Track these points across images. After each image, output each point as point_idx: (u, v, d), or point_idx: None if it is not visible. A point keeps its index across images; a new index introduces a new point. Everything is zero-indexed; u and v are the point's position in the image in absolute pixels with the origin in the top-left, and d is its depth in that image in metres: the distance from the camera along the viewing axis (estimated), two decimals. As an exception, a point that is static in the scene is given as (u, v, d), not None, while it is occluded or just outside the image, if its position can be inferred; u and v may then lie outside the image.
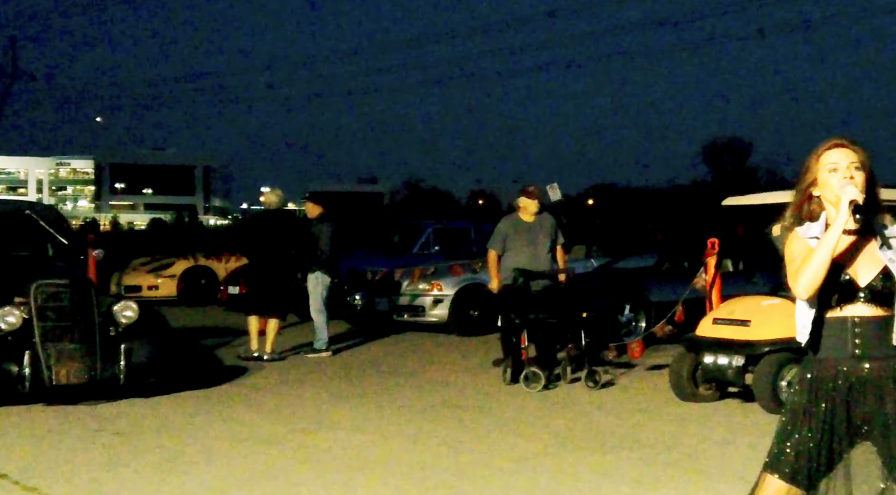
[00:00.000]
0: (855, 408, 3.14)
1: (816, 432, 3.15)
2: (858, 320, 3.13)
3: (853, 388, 3.14)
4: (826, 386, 3.16)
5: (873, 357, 3.13)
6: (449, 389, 9.12)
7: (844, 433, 3.15)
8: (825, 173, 3.17)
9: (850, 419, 3.15)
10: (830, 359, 3.17)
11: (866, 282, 3.13)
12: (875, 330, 3.14)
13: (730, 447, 6.70)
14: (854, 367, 3.14)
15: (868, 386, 3.13)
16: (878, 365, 3.13)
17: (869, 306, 3.13)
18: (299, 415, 7.86)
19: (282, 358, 10.84)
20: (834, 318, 3.16)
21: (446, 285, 13.11)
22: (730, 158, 63.02)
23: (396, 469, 6.15)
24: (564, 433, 7.21)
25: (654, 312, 11.74)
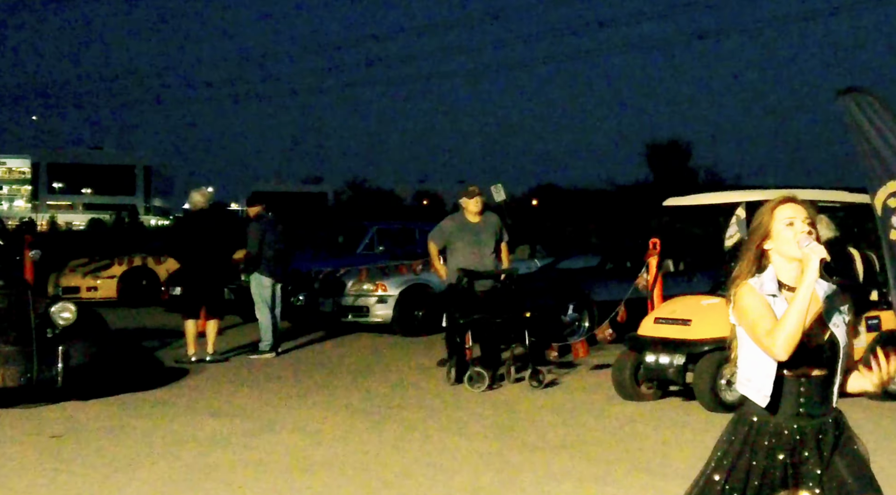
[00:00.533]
0: (792, 464, 3.18)
1: (744, 481, 3.17)
2: (805, 380, 3.19)
3: (795, 445, 3.18)
4: (764, 441, 3.19)
5: (815, 415, 3.19)
6: (393, 389, 9.11)
7: (777, 482, 3.19)
8: (780, 226, 3.19)
9: (784, 469, 3.19)
10: (774, 416, 3.20)
11: (815, 343, 3.17)
12: (819, 388, 3.19)
13: (671, 445, 6.78)
14: (798, 425, 3.18)
15: (808, 443, 3.18)
16: (819, 422, 3.19)
17: (814, 368, 3.18)
18: (242, 417, 7.79)
19: (225, 359, 10.74)
20: (784, 377, 3.18)
21: (391, 285, 13.09)
22: (670, 159, 63.77)
23: (340, 469, 6.12)
24: (508, 432, 7.25)
25: (597, 312, 11.84)
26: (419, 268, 13.30)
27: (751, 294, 3.18)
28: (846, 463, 3.17)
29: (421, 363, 10.71)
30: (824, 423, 3.19)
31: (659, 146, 65.17)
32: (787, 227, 3.17)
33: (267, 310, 11.07)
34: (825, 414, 3.20)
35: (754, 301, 3.16)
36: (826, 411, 3.20)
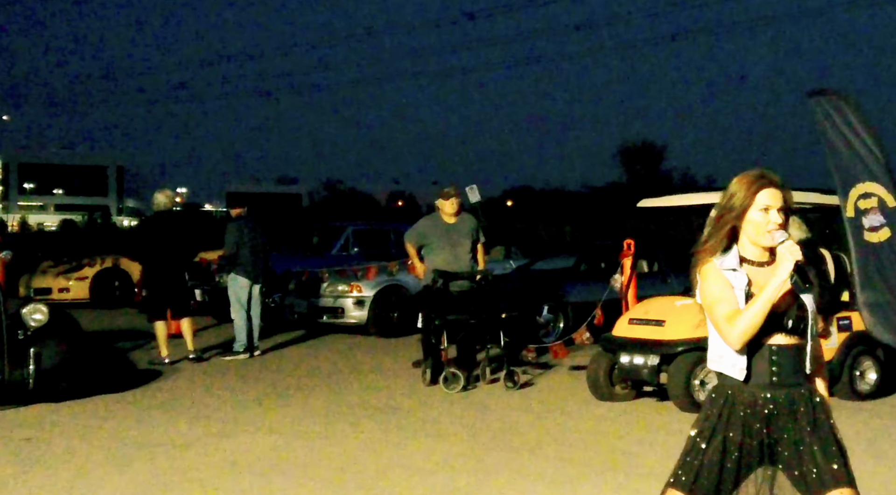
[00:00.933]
0: (768, 434, 3.22)
1: (723, 454, 3.21)
2: (776, 348, 3.22)
3: (769, 415, 3.22)
4: (740, 412, 3.23)
5: (788, 384, 3.22)
6: (368, 391, 9.09)
7: (754, 456, 3.23)
8: (755, 212, 3.22)
9: (761, 444, 3.23)
10: (748, 385, 3.24)
11: (784, 314, 3.21)
12: (791, 357, 3.22)
13: (645, 445, 6.81)
14: (770, 394, 3.22)
15: (782, 412, 3.22)
16: (793, 391, 3.23)
17: (786, 336, 3.22)
18: (216, 418, 7.75)
19: (206, 357, 10.68)
20: (753, 347, 3.22)
21: (366, 287, 13.07)
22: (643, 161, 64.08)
23: (315, 471, 6.10)
24: (484, 433, 7.25)
25: (571, 313, 11.88)
26: (394, 270, 13.29)
27: (713, 273, 3.23)
28: (822, 445, 3.19)
29: (396, 364, 10.70)
30: (798, 393, 3.22)
31: (632, 148, 65.51)
32: (761, 213, 3.21)
33: (242, 311, 11.03)
34: (799, 383, 3.23)
35: (716, 281, 3.21)
36: (799, 380, 3.23)
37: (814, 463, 3.17)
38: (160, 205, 10.89)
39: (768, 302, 3.10)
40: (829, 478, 3.16)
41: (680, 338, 7.85)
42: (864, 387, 8.55)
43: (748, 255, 3.27)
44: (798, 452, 3.20)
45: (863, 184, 7.76)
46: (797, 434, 3.21)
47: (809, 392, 3.26)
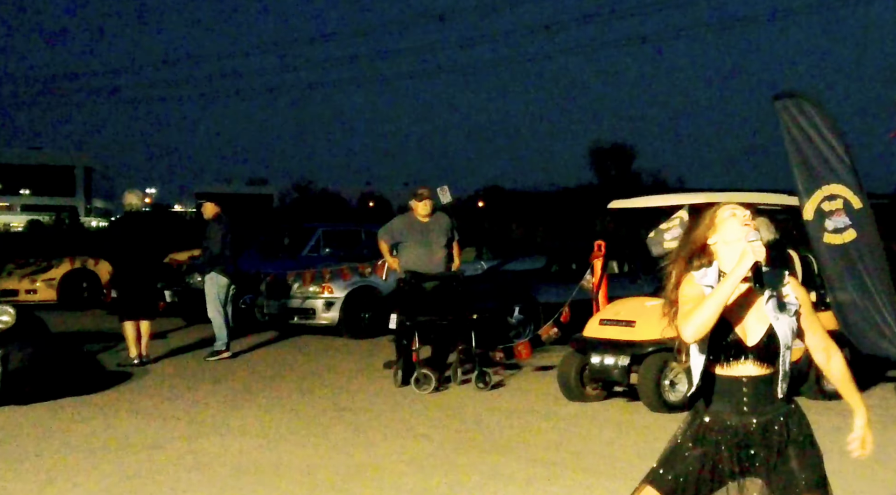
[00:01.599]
0: (740, 456, 3.25)
1: (702, 462, 3.25)
2: (747, 380, 3.23)
3: (741, 442, 3.25)
4: (713, 436, 3.26)
5: (761, 412, 3.24)
6: (340, 392, 9.07)
7: (722, 464, 3.26)
8: (723, 217, 3.28)
9: (738, 456, 3.25)
10: (720, 412, 3.27)
11: (753, 342, 3.23)
12: (763, 387, 3.24)
13: (615, 445, 6.84)
14: (742, 422, 3.24)
15: (755, 437, 3.25)
16: (765, 419, 3.24)
17: (756, 365, 3.25)
18: (186, 420, 7.71)
19: (152, 361, 10.57)
20: (724, 376, 3.26)
21: (337, 288, 13.03)
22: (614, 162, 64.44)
23: (286, 472, 6.08)
24: (455, 434, 7.26)
25: (542, 313, 11.91)
26: (366, 271, 13.26)
27: (689, 285, 3.26)
28: (798, 456, 3.24)
29: (367, 365, 10.68)
30: (769, 421, 3.24)
31: (603, 149, 65.82)
32: (731, 218, 3.26)
33: (222, 310, 10.98)
34: (772, 412, 3.25)
35: (690, 291, 3.24)
36: (772, 409, 3.25)
37: (790, 472, 3.22)
38: (131, 205, 10.83)
39: (724, 295, 3.11)
40: (804, 486, 3.21)
41: (650, 339, 7.89)
42: (831, 388, 8.62)
43: (727, 270, 3.27)
44: (774, 462, 3.23)
45: (828, 186, 7.83)
46: (774, 444, 3.24)
47: (787, 415, 3.27)
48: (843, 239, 7.77)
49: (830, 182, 7.81)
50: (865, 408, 3.39)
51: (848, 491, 5.71)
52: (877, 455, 6.76)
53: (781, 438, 3.25)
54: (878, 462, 6.44)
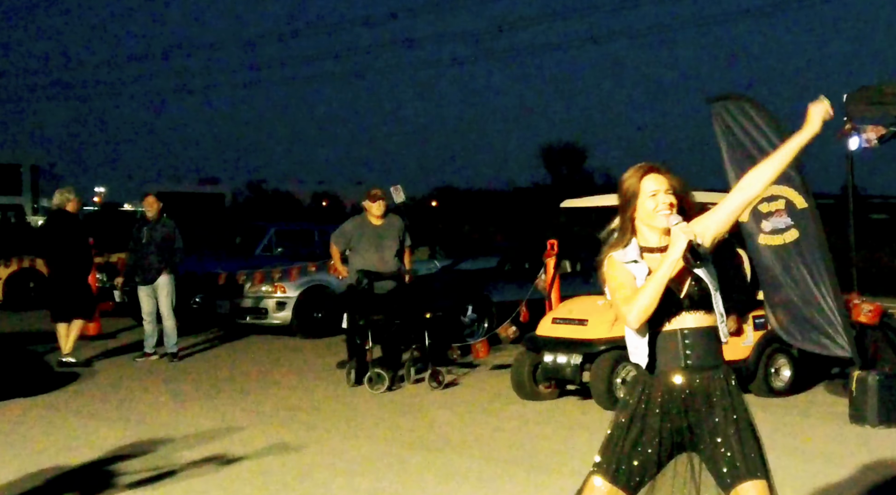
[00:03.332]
0: (684, 418, 3.29)
1: (644, 440, 3.28)
2: (687, 332, 3.28)
3: (685, 399, 3.28)
4: (658, 398, 3.30)
5: (704, 367, 3.28)
6: (293, 392, 9.02)
7: (671, 442, 3.30)
8: (644, 198, 3.32)
9: (680, 429, 3.30)
10: (664, 372, 3.31)
11: (684, 291, 3.28)
12: (704, 340, 3.28)
13: (568, 443, 6.88)
14: (686, 379, 3.28)
15: (698, 396, 3.28)
16: (708, 375, 3.28)
17: (693, 316, 3.29)
18: (134, 422, 7.61)
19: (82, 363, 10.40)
20: (665, 333, 3.31)
21: (289, 287, 12.95)
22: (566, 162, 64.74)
23: (237, 473, 6.04)
24: (408, 433, 7.25)
25: (496, 312, 11.95)
26: (318, 270, 13.20)
27: (612, 266, 3.32)
28: (739, 435, 3.24)
29: (320, 365, 10.64)
30: (713, 378, 3.27)
31: (555, 149, 66.10)
32: (651, 199, 3.31)
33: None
34: (715, 365, 3.29)
35: (614, 272, 3.30)
36: (715, 362, 3.29)
37: (730, 453, 3.24)
38: (56, 204, 10.70)
39: (663, 278, 3.17)
40: (744, 469, 3.22)
41: (602, 337, 7.94)
42: (778, 384, 8.77)
43: (649, 244, 3.35)
44: (715, 440, 3.26)
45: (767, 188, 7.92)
46: (714, 420, 3.26)
47: (725, 376, 3.30)
48: (784, 239, 7.86)
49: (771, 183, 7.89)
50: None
51: (797, 485, 5.80)
52: (825, 450, 6.89)
53: (723, 406, 3.26)
54: (825, 457, 6.55)
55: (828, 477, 6.00)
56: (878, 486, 5.83)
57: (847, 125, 7.75)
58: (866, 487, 5.81)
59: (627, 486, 3.29)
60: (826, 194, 24.86)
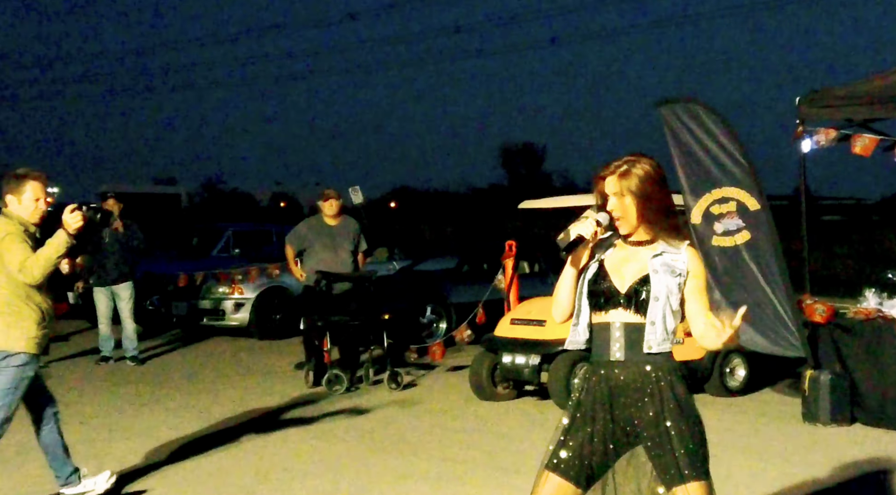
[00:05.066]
0: (617, 412, 3.32)
1: (590, 433, 3.32)
2: (620, 325, 3.34)
3: (613, 393, 3.32)
4: (594, 391, 3.35)
5: (631, 362, 3.32)
6: (251, 393, 8.98)
7: (611, 435, 3.33)
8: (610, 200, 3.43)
9: (614, 421, 3.33)
10: (596, 362, 3.39)
11: (626, 288, 3.34)
12: (634, 335, 3.33)
13: (526, 443, 6.92)
14: (613, 372, 3.33)
15: (628, 391, 3.31)
16: (635, 370, 3.32)
17: (629, 312, 3.33)
18: (92, 424, 7.53)
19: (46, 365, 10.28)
20: (599, 323, 3.39)
21: (247, 288, 12.89)
22: (524, 163, 64.93)
23: (193, 475, 6.00)
24: (367, 434, 7.25)
25: (454, 313, 11.98)
26: (276, 272, 13.14)
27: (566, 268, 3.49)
28: (679, 433, 3.26)
29: (278, 366, 10.59)
30: (644, 371, 3.30)
31: (513, 149, 66.28)
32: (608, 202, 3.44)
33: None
34: (645, 361, 3.31)
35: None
36: (643, 358, 3.31)
37: (665, 452, 3.26)
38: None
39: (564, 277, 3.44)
40: (682, 471, 3.24)
41: (560, 338, 7.92)
42: (733, 384, 8.88)
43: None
44: (653, 436, 3.28)
45: (719, 190, 7.99)
46: (649, 415, 3.29)
47: (657, 372, 3.32)
48: (735, 241, 7.95)
49: (723, 185, 7.96)
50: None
51: (752, 484, 5.88)
52: (779, 449, 6.99)
53: (660, 399, 3.28)
54: (779, 456, 6.66)
55: (782, 475, 6.09)
56: (831, 484, 5.94)
57: (799, 128, 7.87)
58: (819, 485, 5.91)
59: (578, 480, 3.33)
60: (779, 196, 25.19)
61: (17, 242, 5.04)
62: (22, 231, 5.11)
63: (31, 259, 5.02)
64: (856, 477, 6.10)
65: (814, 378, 7.56)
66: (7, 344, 5.03)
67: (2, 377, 5.06)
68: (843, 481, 5.99)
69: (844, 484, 5.94)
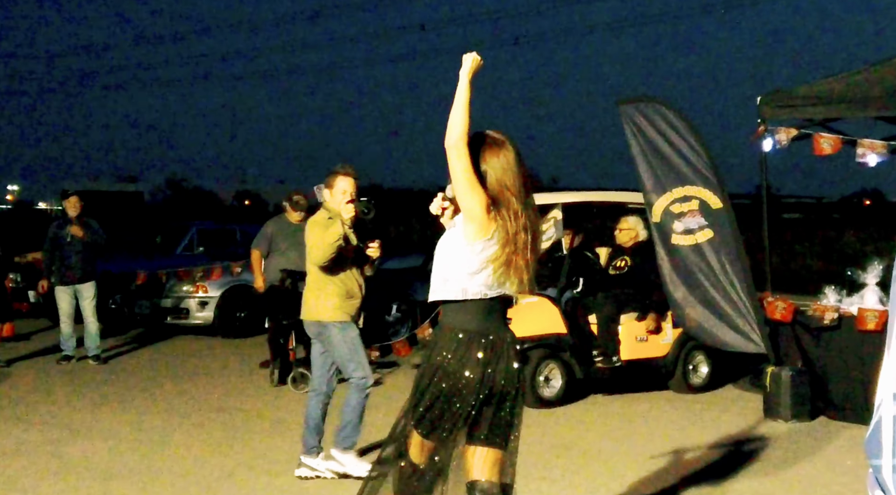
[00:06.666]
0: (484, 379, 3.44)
1: (443, 400, 3.47)
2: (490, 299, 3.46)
3: (482, 358, 3.44)
4: (463, 354, 3.45)
5: (495, 331, 3.48)
6: (215, 392, 8.92)
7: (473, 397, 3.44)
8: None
9: (479, 384, 3.44)
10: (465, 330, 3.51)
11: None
12: (497, 309, 3.50)
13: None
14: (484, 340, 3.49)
15: (490, 357, 3.45)
16: (498, 340, 3.47)
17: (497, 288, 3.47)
18: (52, 424, 7.45)
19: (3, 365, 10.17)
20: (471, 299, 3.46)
21: (211, 287, 12.80)
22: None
23: (157, 475, 5.95)
24: (332, 434, 7.22)
25: (420, 312, 11.97)
26: (239, 270, 13.07)
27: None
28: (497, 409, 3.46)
29: (243, 365, 10.54)
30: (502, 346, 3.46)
31: (480, 148, 66.28)
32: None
33: None
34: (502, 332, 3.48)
35: None
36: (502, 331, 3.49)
37: (491, 417, 3.45)
38: None
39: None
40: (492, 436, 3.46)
41: (525, 336, 8.01)
42: (696, 381, 8.96)
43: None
44: (494, 402, 3.45)
45: (681, 188, 8.06)
46: (497, 385, 3.43)
47: (510, 344, 3.48)
48: (696, 239, 8.02)
49: (685, 184, 8.03)
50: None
51: (714, 479, 5.94)
52: (741, 445, 7.06)
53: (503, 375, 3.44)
54: (741, 451, 6.73)
55: (744, 470, 6.16)
56: (792, 478, 6.01)
57: (761, 127, 7.96)
58: (781, 479, 5.98)
59: (439, 439, 3.50)
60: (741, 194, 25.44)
61: (314, 230, 5.83)
62: (326, 219, 5.82)
63: (315, 245, 5.74)
64: (814, 471, 6.17)
65: (775, 374, 7.65)
66: (319, 314, 5.90)
67: (332, 342, 5.95)
68: (803, 474, 6.07)
69: (805, 477, 6.01)
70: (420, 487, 3.57)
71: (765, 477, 6.00)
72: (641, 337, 8.71)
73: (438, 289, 3.51)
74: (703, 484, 5.82)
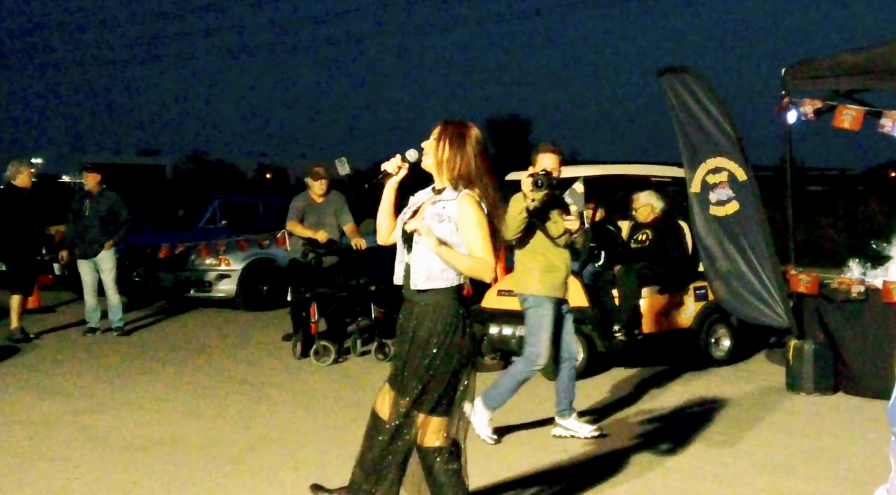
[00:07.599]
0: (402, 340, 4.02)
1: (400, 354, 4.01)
2: (405, 265, 4.02)
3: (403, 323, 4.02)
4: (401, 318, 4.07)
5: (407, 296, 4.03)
6: (238, 365, 8.99)
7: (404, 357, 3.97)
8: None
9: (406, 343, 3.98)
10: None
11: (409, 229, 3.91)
12: (407, 273, 4.01)
13: (512, 413, 6.94)
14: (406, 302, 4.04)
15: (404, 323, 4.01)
16: (407, 305, 4.02)
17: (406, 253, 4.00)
18: (78, 396, 7.53)
19: (31, 338, 10.25)
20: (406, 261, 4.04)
21: (234, 260, 12.86)
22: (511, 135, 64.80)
23: (182, 447, 6.01)
24: (355, 406, 7.27)
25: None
26: (263, 243, 13.12)
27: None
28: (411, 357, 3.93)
29: (266, 338, 10.60)
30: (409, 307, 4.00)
31: (499, 122, 66.10)
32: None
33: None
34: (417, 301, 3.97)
35: None
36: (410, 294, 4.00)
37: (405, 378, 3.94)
38: (9, 177, 10.50)
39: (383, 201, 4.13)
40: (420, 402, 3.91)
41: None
42: (718, 354, 8.94)
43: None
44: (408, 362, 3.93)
45: (714, 159, 8.04)
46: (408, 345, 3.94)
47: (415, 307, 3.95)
48: (726, 211, 8.00)
49: (716, 155, 8.02)
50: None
51: (737, 452, 5.94)
52: (764, 418, 7.06)
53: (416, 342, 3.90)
54: (764, 425, 6.72)
55: (767, 443, 6.15)
56: (815, 450, 6.00)
57: (785, 99, 7.88)
58: (803, 453, 5.97)
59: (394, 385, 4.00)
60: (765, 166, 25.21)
61: (511, 206, 5.91)
62: (521, 197, 5.93)
63: (505, 221, 5.93)
64: (837, 444, 6.16)
65: (798, 347, 7.62)
66: (523, 288, 6.19)
67: (527, 313, 6.23)
68: (825, 447, 6.05)
69: (827, 450, 6.00)
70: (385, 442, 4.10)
71: (786, 450, 5.99)
72: (663, 310, 8.70)
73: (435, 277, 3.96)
74: (725, 455, 5.82)
